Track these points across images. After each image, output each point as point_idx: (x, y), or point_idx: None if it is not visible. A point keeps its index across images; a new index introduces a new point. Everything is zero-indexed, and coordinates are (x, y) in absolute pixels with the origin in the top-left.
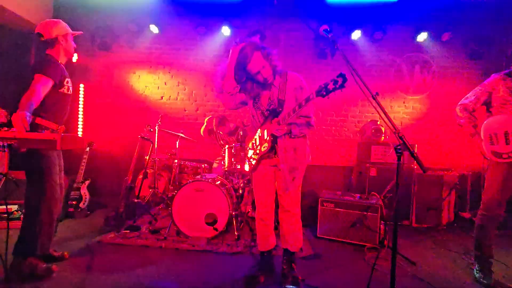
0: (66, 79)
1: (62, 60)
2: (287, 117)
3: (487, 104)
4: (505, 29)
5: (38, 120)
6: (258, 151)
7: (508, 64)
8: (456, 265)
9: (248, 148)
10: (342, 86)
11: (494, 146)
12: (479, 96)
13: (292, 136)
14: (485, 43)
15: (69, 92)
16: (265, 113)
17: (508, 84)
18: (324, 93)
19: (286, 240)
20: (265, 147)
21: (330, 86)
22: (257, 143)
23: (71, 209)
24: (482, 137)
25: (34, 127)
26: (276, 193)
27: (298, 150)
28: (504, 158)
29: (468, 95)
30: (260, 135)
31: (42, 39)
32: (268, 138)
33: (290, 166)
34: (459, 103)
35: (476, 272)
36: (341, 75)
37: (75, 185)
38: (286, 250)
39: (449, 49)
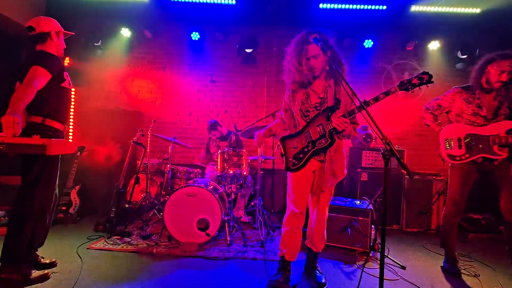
0: (65, 72)
1: None
2: (354, 112)
3: (447, 112)
4: (489, 38)
5: (48, 122)
6: (309, 148)
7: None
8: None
9: (292, 147)
10: (428, 81)
11: (449, 150)
12: (441, 103)
13: (341, 137)
14: (470, 51)
15: (70, 87)
16: (320, 109)
17: (464, 96)
18: (410, 87)
19: (312, 240)
20: (321, 142)
21: (415, 81)
22: (309, 139)
23: (60, 215)
24: (440, 142)
25: (44, 129)
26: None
27: (337, 153)
28: (457, 160)
29: (431, 101)
30: (312, 131)
31: (34, 33)
32: (326, 133)
33: (332, 167)
34: (423, 106)
35: (444, 263)
36: (426, 73)
37: (65, 190)
38: (310, 250)
39: (437, 57)
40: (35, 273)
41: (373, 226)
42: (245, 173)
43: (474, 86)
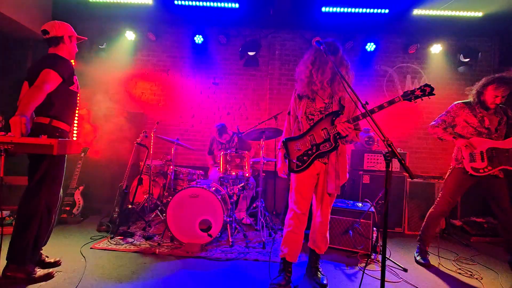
0: (75, 76)
1: None
2: (358, 118)
3: (452, 127)
4: (491, 41)
5: (55, 123)
6: (313, 150)
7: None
8: (447, 271)
9: (296, 149)
10: (430, 93)
11: (473, 163)
12: (445, 119)
13: (345, 142)
14: (472, 54)
15: (78, 90)
16: (324, 114)
17: (467, 110)
18: (412, 97)
19: (315, 242)
20: (325, 146)
21: (418, 92)
22: (313, 142)
23: (64, 215)
24: (464, 156)
25: (51, 129)
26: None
27: (340, 156)
28: (481, 173)
29: (435, 119)
30: (316, 134)
31: (47, 36)
32: (330, 137)
33: (336, 170)
34: (429, 125)
35: (417, 255)
36: (429, 85)
37: (68, 191)
38: (313, 251)
39: (439, 60)
40: (40, 272)
41: (374, 228)
42: (247, 174)
43: (473, 102)
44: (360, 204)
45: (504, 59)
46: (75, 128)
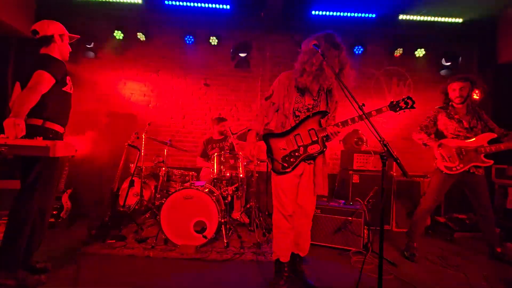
0: (68, 77)
1: None
2: (349, 123)
3: (436, 130)
4: (471, 46)
5: (48, 124)
6: (300, 152)
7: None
8: (433, 265)
9: (281, 149)
10: (412, 107)
11: (446, 162)
12: (427, 124)
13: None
14: (453, 59)
15: (71, 91)
16: (311, 112)
17: (444, 114)
18: (397, 109)
19: (299, 245)
20: (313, 148)
21: (402, 104)
22: (300, 143)
23: (52, 219)
24: (436, 157)
25: (45, 131)
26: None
27: (324, 156)
28: (454, 171)
29: (418, 126)
30: (302, 134)
31: (37, 36)
32: (319, 139)
33: (323, 171)
34: (413, 132)
35: (405, 251)
36: (409, 98)
37: (56, 194)
38: (297, 255)
39: (423, 64)
40: (30, 278)
41: (366, 226)
42: (241, 175)
43: (446, 105)
44: (351, 203)
45: (482, 63)
46: None
